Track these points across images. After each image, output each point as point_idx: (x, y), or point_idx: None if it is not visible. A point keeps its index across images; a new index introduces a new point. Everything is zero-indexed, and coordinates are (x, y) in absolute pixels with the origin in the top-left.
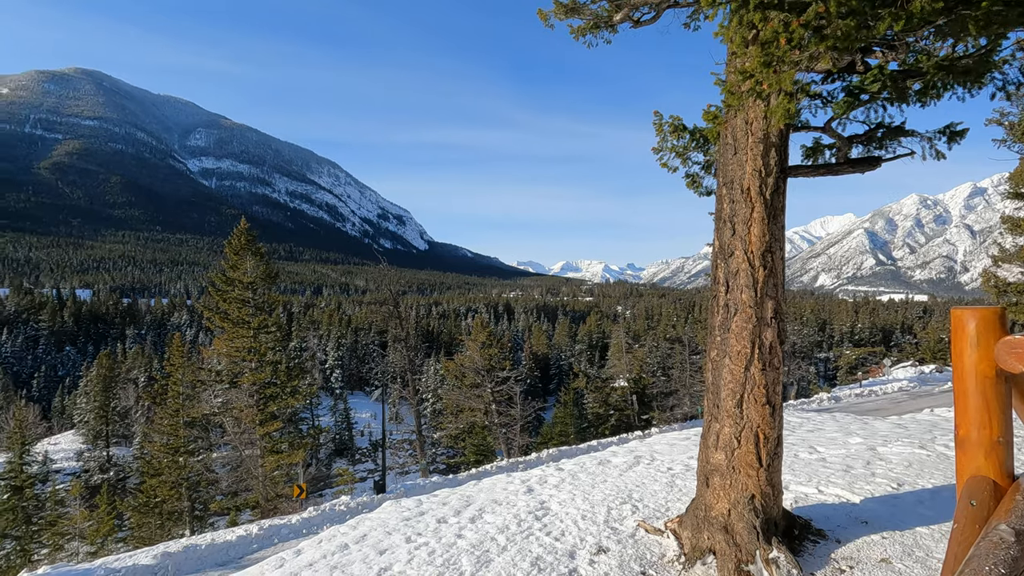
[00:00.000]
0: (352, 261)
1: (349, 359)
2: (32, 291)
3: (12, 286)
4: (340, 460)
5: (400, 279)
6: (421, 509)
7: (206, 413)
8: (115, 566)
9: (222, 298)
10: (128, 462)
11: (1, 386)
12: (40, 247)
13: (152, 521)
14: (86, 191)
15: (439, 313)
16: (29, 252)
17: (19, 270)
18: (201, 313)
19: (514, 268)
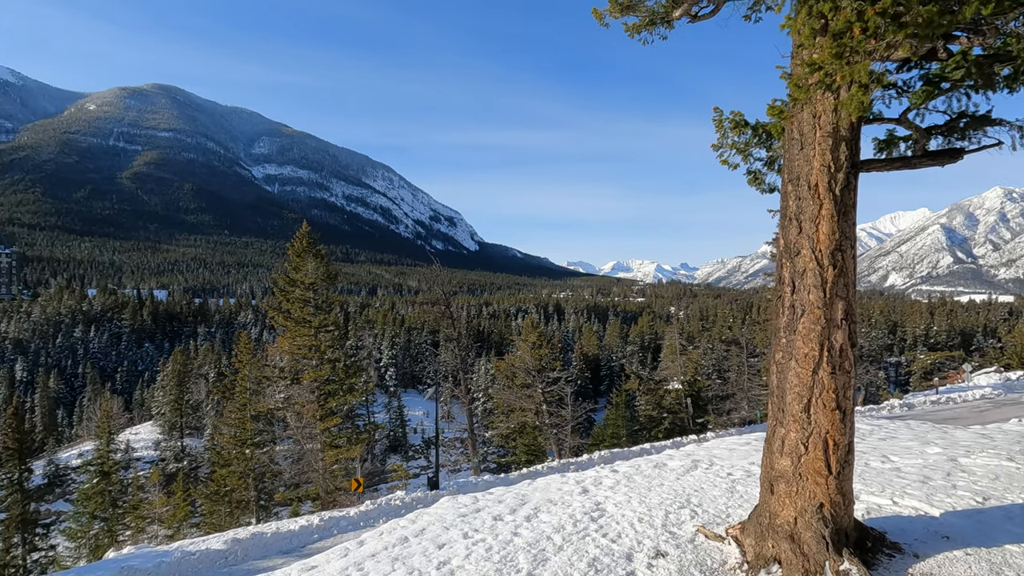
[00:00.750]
0: (405, 262)
1: (403, 358)
2: (116, 292)
3: (99, 287)
4: (394, 456)
5: (451, 279)
6: (477, 506)
7: (270, 408)
8: (190, 549)
9: (285, 298)
10: (200, 452)
11: (90, 379)
12: (122, 251)
13: (222, 509)
14: (162, 198)
15: (490, 313)
16: (113, 256)
17: (104, 272)
18: (265, 312)
19: (564, 268)
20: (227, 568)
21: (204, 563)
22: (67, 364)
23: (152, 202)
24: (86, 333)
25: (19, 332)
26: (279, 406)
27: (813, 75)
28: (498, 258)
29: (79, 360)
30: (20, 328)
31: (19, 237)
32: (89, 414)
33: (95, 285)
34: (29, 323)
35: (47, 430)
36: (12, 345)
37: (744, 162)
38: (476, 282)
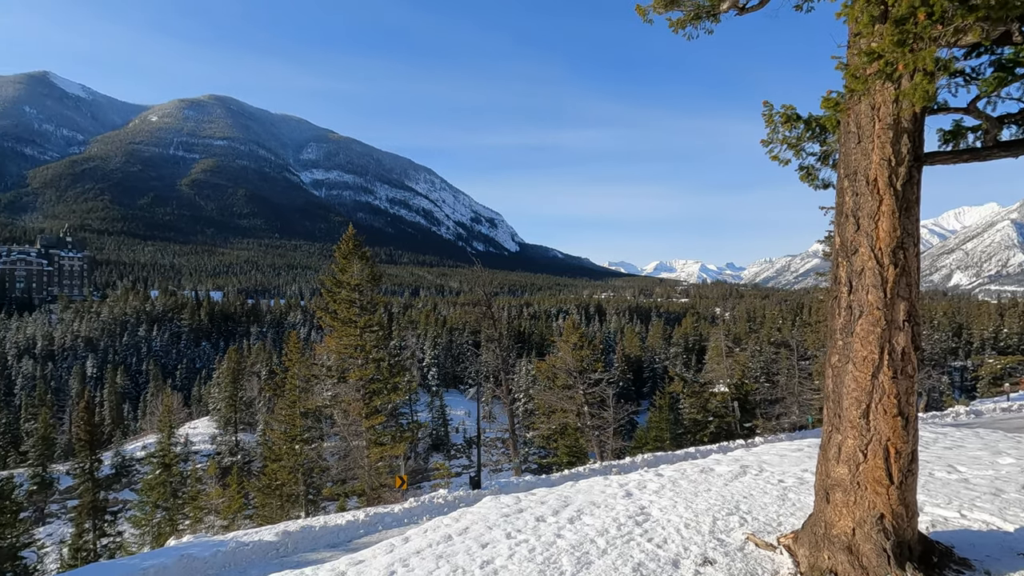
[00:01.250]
0: (447, 264)
1: (444, 358)
2: (175, 293)
3: (160, 289)
4: (437, 455)
5: (492, 280)
6: (519, 506)
7: (319, 405)
8: (244, 540)
9: (332, 299)
10: (253, 447)
11: (152, 376)
12: (181, 254)
13: (273, 502)
14: (218, 204)
15: (530, 314)
16: (173, 259)
17: (165, 275)
18: (313, 313)
19: (605, 269)
20: (278, 559)
21: (257, 554)
22: (132, 361)
23: (208, 207)
24: (149, 332)
25: (90, 331)
26: (327, 403)
27: (872, 64)
28: (539, 259)
29: (143, 357)
30: (90, 327)
31: (90, 242)
32: (152, 409)
33: (157, 287)
34: (98, 322)
35: (114, 423)
36: (84, 343)
37: (796, 157)
38: (517, 283)
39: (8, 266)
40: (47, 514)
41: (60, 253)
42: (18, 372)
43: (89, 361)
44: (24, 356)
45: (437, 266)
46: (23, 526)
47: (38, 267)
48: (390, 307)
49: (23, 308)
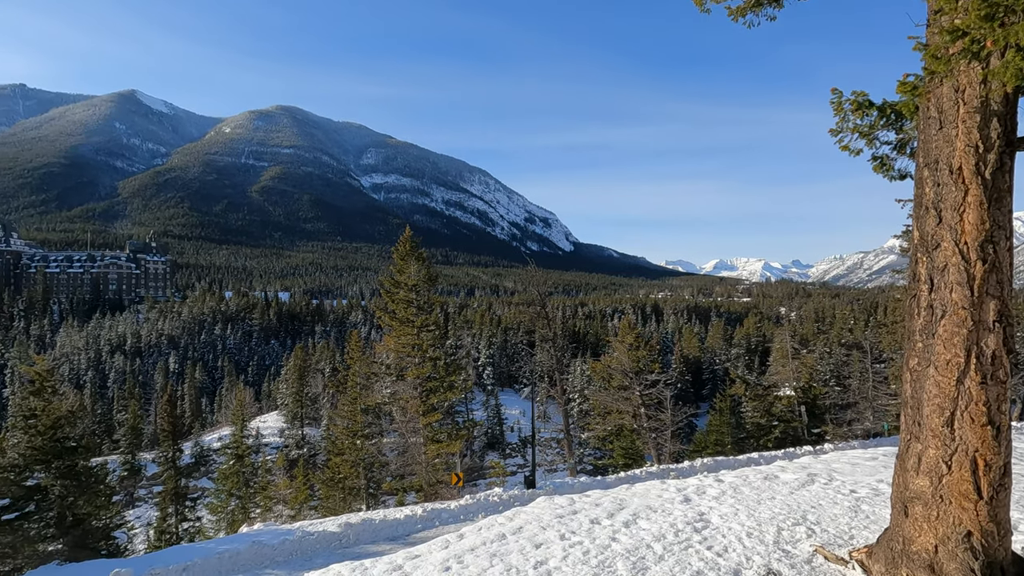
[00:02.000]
0: (501, 264)
1: (499, 357)
2: (247, 294)
3: (234, 290)
4: (492, 453)
5: (546, 280)
6: (574, 508)
7: (378, 402)
8: (309, 530)
9: (390, 299)
10: (317, 441)
11: (227, 372)
12: (252, 257)
13: (336, 494)
14: (284, 209)
15: (585, 314)
16: (245, 261)
17: (238, 276)
18: (373, 312)
19: (662, 268)
20: (341, 550)
21: (321, 543)
22: (209, 358)
23: (276, 213)
24: (223, 330)
25: (172, 329)
26: (386, 401)
27: (955, 43)
28: (593, 258)
29: (218, 354)
30: (172, 326)
31: (172, 247)
32: (226, 403)
33: (231, 288)
34: (179, 322)
35: (193, 415)
36: (167, 341)
37: (868, 147)
38: (571, 282)
39: (102, 270)
40: (136, 498)
41: (146, 257)
42: (111, 367)
43: (171, 357)
44: (116, 352)
45: (492, 266)
46: (115, 508)
47: (127, 270)
48: (446, 307)
49: (115, 308)
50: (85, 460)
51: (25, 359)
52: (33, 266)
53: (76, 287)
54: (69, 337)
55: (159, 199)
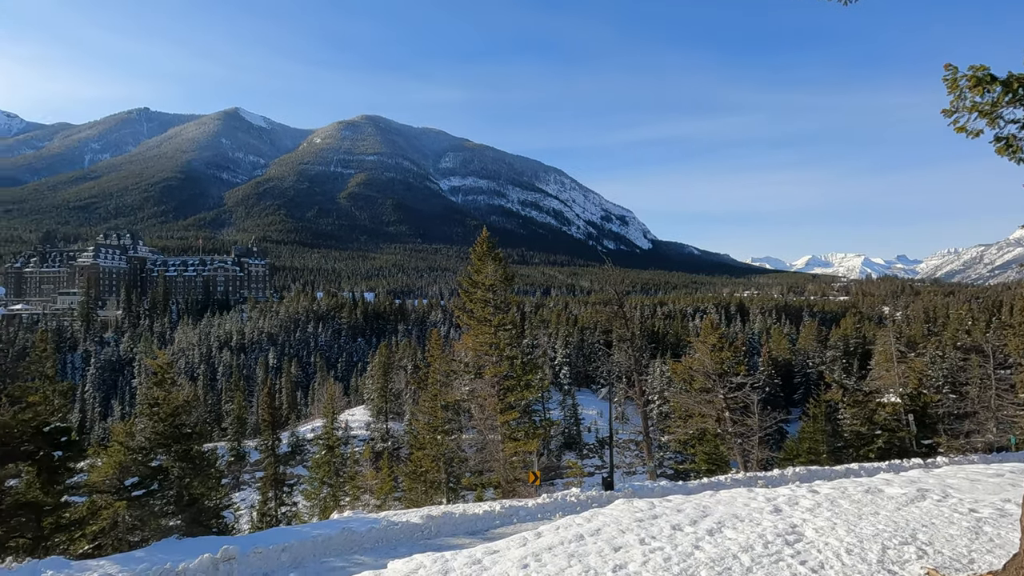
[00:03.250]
0: (577, 263)
1: (576, 357)
2: (336, 295)
3: (324, 291)
4: (569, 453)
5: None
6: (654, 512)
7: (457, 399)
8: (394, 520)
9: (468, 298)
10: (401, 435)
11: (318, 367)
12: (340, 260)
13: (418, 487)
14: (369, 213)
15: (664, 313)
16: (334, 264)
17: (328, 278)
18: (452, 312)
19: (747, 265)
20: (423, 541)
21: (404, 533)
22: (303, 354)
23: (362, 217)
24: (315, 329)
25: (270, 327)
26: (465, 398)
27: None
28: (673, 256)
29: (311, 351)
30: (271, 324)
31: (270, 251)
32: (318, 397)
33: (321, 289)
34: (277, 320)
35: (290, 407)
36: (266, 338)
37: (990, 127)
38: (649, 281)
39: (212, 273)
40: (241, 482)
41: (249, 261)
42: (219, 361)
43: (271, 353)
44: (224, 348)
45: (568, 265)
46: (224, 491)
47: (233, 273)
48: (522, 306)
49: (222, 308)
50: (199, 445)
51: (149, 353)
52: (155, 270)
53: (190, 289)
54: (184, 334)
55: (259, 207)
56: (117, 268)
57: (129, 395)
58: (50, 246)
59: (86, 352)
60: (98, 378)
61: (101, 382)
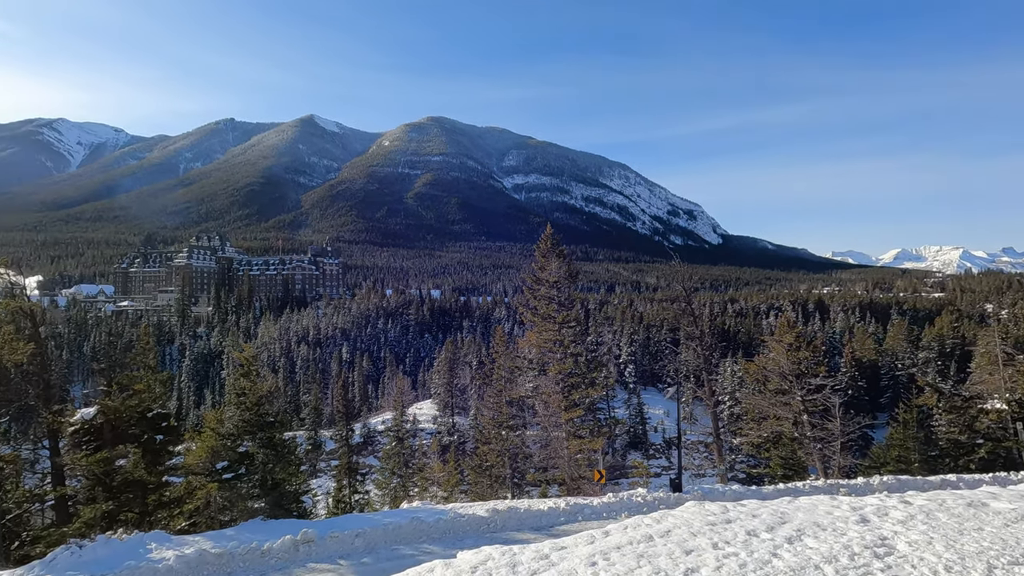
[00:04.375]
0: (643, 259)
1: (642, 355)
2: (404, 292)
3: (393, 288)
4: (634, 452)
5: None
6: (727, 516)
7: (522, 395)
8: (461, 512)
9: (532, 295)
10: (466, 429)
11: (388, 362)
12: (408, 258)
13: (483, 481)
14: (435, 212)
15: (735, 311)
16: (402, 262)
17: (396, 276)
18: (516, 308)
19: (828, 260)
20: (488, 534)
21: (471, 526)
22: (374, 349)
23: (428, 216)
24: (385, 325)
25: (343, 323)
26: (529, 394)
27: None
28: (745, 251)
29: (381, 346)
30: (344, 320)
31: (343, 250)
32: (388, 390)
33: (390, 286)
34: (349, 316)
35: (362, 400)
36: (340, 333)
37: None
38: (719, 277)
39: (290, 272)
40: (318, 470)
41: (324, 260)
42: (297, 355)
43: (344, 348)
44: (301, 342)
45: (633, 262)
46: (303, 477)
47: (309, 271)
48: (586, 303)
49: (300, 304)
50: (280, 434)
51: (236, 347)
52: (241, 269)
53: (271, 287)
54: (266, 329)
55: (332, 209)
56: (208, 268)
57: (219, 385)
58: (151, 248)
59: (182, 345)
60: (192, 369)
61: (195, 372)
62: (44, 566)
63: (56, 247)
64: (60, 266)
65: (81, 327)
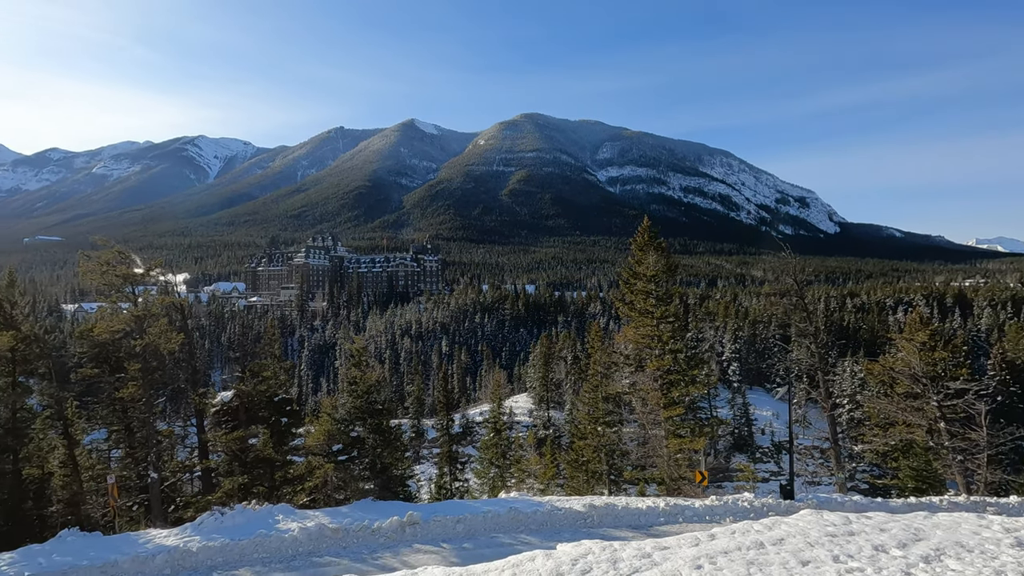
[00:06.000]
0: (747, 251)
1: (747, 352)
2: (499, 287)
3: (489, 284)
4: (739, 455)
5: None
6: (850, 528)
7: (618, 391)
8: (557, 505)
9: (629, 290)
10: (561, 423)
11: (484, 355)
12: (503, 254)
13: (580, 475)
14: (529, 208)
15: (855, 305)
16: (497, 258)
17: (492, 272)
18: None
19: (970, 248)
20: (585, 528)
21: (567, 520)
22: (471, 342)
23: (522, 212)
24: (482, 319)
25: (443, 318)
26: (625, 390)
27: None
28: (867, 240)
29: (478, 340)
30: (443, 315)
31: (442, 248)
32: (485, 382)
33: (486, 282)
34: (448, 311)
35: (460, 391)
36: (439, 327)
37: None
38: (836, 269)
39: (394, 269)
40: (420, 457)
41: (424, 257)
42: (401, 347)
43: (443, 341)
44: (404, 336)
45: (736, 254)
46: (407, 463)
47: (411, 268)
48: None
49: (402, 299)
50: (387, 420)
51: (347, 339)
52: (350, 267)
53: (377, 283)
54: (373, 323)
55: (432, 208)
56: (322, 266)
57: (333, 374)
58: (274, 249)
59: (301, 336)
60: (310, 359)
61: (312, 362)
62: (194, 528)
63: (198, 249)
64: (202, 266)
65: (219, 320)
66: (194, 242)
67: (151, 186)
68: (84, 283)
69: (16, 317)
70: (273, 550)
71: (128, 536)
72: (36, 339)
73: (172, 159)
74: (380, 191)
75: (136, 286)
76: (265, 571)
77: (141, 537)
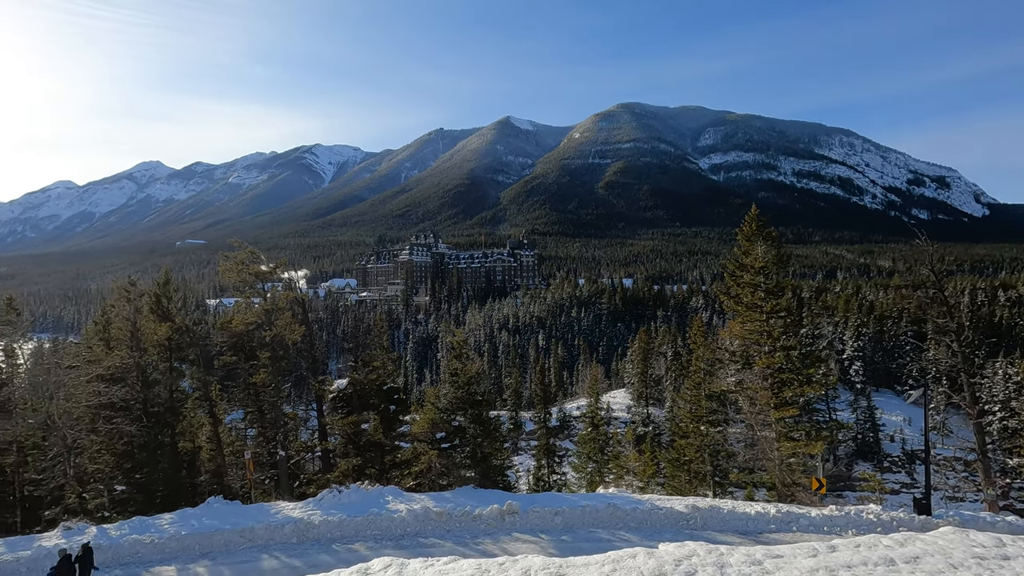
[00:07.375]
0: (872, 239)
1: (872, 351)
2: (596, 281)
3: (585, 278)
4: (862, 463)
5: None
6: (1003, 552)
7: (723, 389)
8: (658, 504)
9: (734, 283)
10: (661, 421)
11: (581, 350)
12: (599, 247)
13: (681, 475)
14: (626, 200)
15: (1008, 299)
16: (594, 252)
17: (588, 266)
18: (715, 297)
19: None
20: (688, 530)
21: (668, 520)
22: (568, 337)
23: (619, 205)
24: (578, 313)
25: (539, 312)
26: (731, 389)
27: None
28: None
29: (575, 334)
30: (540, 309)
31: (538, 242)
32: (582, 377)
33: (582, 276)
34: (545, 305)
35: (557, 385)
36: (536, 321)
37: None
38: (985, 257)
39: (491, 264)
40: (518, 448)
41: (520, 252)
42: (499, 340)
43: (540, 335)
44: (502, 329)
45: (858, 243)
46: (506, 453)
47: (508, 263)
48: (799, 291)
49: (500, 294)
50: (487, 411)
51: (448, 332)
52: (451, 263)
53: (476, 278)
54: (472, 316)
55: (527, 203)
56: (424, 262)
57: (435, 365)
58: (381, 247)
59: (406, 329)
60: (414, 350)
61: (416, 354)
62: (315, 503)
63: (316, 248)
64: (319, 264)
65: (334, 313)
66: (312, 242)
67: (276, 192)
68: (223, 280)
69: (172, 311)
70: (384, 528)
71: (262, 506)
72: (187, 330)
73: (293, 167)
74: (478, 189)
75: (265, 283)
76: (377, 547)
77: (272, 508)
